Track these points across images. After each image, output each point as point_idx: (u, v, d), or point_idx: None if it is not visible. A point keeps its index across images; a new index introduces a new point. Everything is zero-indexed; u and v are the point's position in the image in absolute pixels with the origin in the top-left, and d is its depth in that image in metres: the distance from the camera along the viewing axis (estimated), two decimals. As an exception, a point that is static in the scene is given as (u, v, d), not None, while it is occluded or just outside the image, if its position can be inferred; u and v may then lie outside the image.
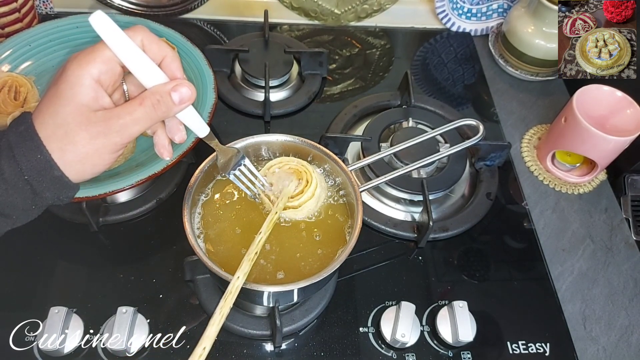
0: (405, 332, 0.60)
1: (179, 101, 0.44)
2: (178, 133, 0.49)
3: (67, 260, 0.68)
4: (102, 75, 0.42)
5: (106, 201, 0.72)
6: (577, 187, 0.82)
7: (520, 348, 0.64)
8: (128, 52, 0.42)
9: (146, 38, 0.44)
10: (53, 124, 0.42)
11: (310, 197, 0.57)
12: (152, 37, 0.45)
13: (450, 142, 0.79)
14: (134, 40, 0.43)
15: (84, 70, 0.42)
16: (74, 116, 0.42)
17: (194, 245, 0.51)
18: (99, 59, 0.42)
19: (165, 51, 0.45)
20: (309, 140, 0.61)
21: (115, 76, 0.44)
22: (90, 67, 0.42)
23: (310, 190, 0.57)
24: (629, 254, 0.76)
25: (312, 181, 0.57)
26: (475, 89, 0.96)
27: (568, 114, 0.76)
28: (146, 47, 0.44)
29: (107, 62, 0.43)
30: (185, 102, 0.45)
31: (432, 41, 1.04)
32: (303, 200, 0.57)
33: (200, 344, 0.44)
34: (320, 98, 0.91)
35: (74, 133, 0.42)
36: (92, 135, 0.42)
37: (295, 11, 1.02)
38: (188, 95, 0.45)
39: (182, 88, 0.44)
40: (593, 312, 0.70)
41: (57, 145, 0.42)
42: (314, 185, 0.57)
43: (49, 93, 0.43)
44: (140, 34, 0.44)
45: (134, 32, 0.43)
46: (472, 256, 0.73)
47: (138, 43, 0.43)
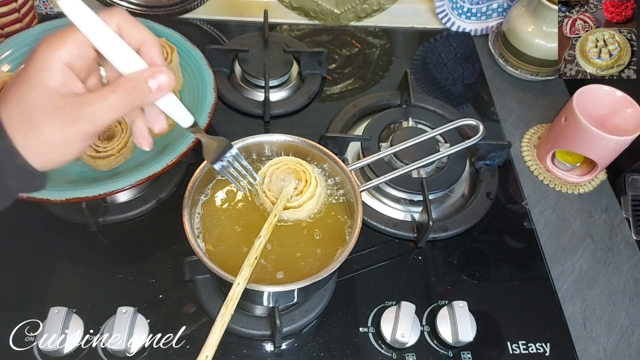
0: (405, 332, 0.60)
1: (156, 88, 0.41)
2: (157, 122, 0.46)
3: (67, 260, 0.68)
4: (73, 59, 0.40)
5: (106, 201, 0.72)
6: (577, 187, 0.82)
7: (520, 348, 0.64)
8: (101, 36, 0.40)
9: (123, 21, 0.42)
10: (18, 109, 0.39)
11: (310, 197, 0.57)
12: (130, 20, 0.42)
13: (450, 141, 0.79)
14: (109, 23, 0.40)
15: (54, 53, 0.39)
16: (41, 101, 0.39)
17: (194, 245, 0.51)
18: (70, 42, 0.40)
19: (145, 36, 0.43)
20: (309, 140, 0.61)
21: (88, 61, 0.41)
22: (61, 50, 0.39)
23: (310, 190, 0.57)
24: (630, 254, 0.76)
25: (311, 181, 0.57)
26: (475, 89, 0.96)
27: (568, 114, 0.76)
28: (123, 31, 0.42)
29: (80, 45, 0.40)
30: (163, 90, 0.42)
31: (432, 41, 1.04)
32: (303, 200, 0.57)
33: (203, 353, 0.43)
34: (320, 98, 0.91)
35: (40, 119, 0.39)
36: (59, 122, 0.39)
37: (295, 11, 1.02)
38: (166, 82, 0.42)
39: (160, 75, 0.42)
40: (593, 312, 0.70)
41: (21, 132, 0.39)
42: (314, 185, 0.57)
43: (18, 77, 0.40)
44: (116, 17, 0.41)
45: (109, 15, 0.41)
46: (472, 256, 0.73)
47: (114, 27, 0.41)
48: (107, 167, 0.67)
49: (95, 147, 0.66)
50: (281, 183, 0.58)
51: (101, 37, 0.40)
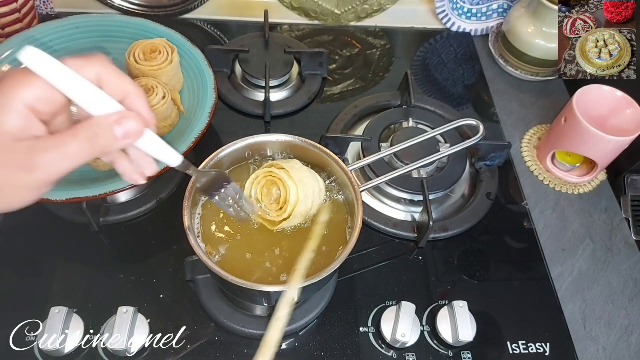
0: (405, 331, 0.60)
1: (122, 135, 0.37)
2: (147, 166, 0.42)
3: (67, 260, 0.68)
4: (38, 102, 0.36)
5: (106, 201, 0.72)
6: (577, 187, 0.82)
7: (520, 348, 0.64)
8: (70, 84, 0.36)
9: (104, 71, 0.38)
10: None
11: (295, 204, 0.54)
12: (111, 70, 0.38)
13: (450, 142, 0.79)
14: (86, 71, 0.37)
15: (16, 93, 0.35)
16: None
17: (194, 245, 0.51)
18: (36, 83, 0.35)
19: (128, 87, 0.39)
20: (309, 140, 0.61)
21: (55, 105, 0.37)
22: (25, 91, 0.35)
23: (292, 198, 0.54)
24: (629, 254, 0.76)
25: (289, 189, 0.54)
26: (475, 89, 0.96)
27: (568, 114, 0.76)
28: (103, 81, 0.38)
29: (47, 87, 0.36)
30: (130, 137, 0.38)
31: (432, 41, 1.04)
32: (289, 211, 0.55)
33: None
34: (320, 98, 0.91)
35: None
36: (10, 169, 0.35)
37: (295, 11, 1.02)
38: (134, 129, 0.38)
39: (128, 121, 0.37)
40: (593, 312, 0.70)
41: None
42: (294, 192, 0.54)
43: None
44: (95, 66, 0.37)
45: (88, 62, 0.37)
46: (472, 256, 0.73)
47: (91, 76, 0.37)
48: (107, 167, 0.67)
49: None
50: (265, 199, 0.57)
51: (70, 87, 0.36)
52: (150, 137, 0.40)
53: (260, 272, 0.54)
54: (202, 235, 0.56)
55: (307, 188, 0.56)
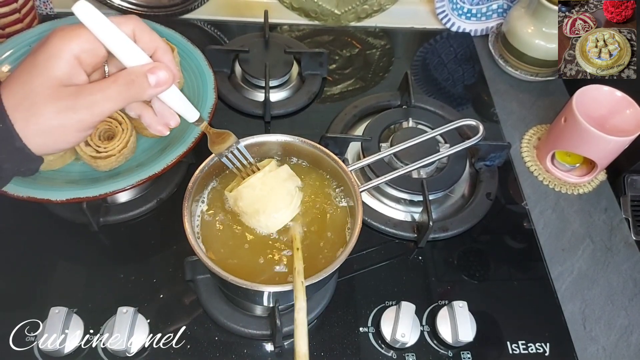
0: (405, 332, 0.60)
1: (155, 83, 0.44)
2: (172, 118, 0.48)
3: (67, 260, 0.68)
4: (83, 53, 0.42)
5: (107, 201, 0.72)
6: (577, 187, 0.82)
7: (520, 348, 0.64)
8: (112, 38, 0.42)
9: (138, 28, 0.44)
10: (22, 93, 0.40)
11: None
12: (144, 27, 0.44)
13: (450, 142, 0.79)
14: (124, 27, 0.43)
15: (65, 44, 0.41)
16: (44, 88, 0.40)
17: (194, 245, 0.51)
18: (83, 37, 0.41)
19: (157, 43, 0.45)
20: (309, 140, 0.61)
21: (97, 58, 0.43)
22: (73, 43, 0.41)
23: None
24: (629, 254, 0.76)
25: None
26: (475, 89, 0.96)
27: (568, 114, 0.76)
28: (137, 36, 0.44)
29: (92, 41, 0.42)
30: (161, 86, 0.44)
31: (432, 41, 1.04)
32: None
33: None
34: (321, 98, 0.91)
35: (41, 105, 0.40)
36: (59, 110, 0.41)
37: (296, 11, 1.02)
38: (164, 78, 0.44)
39: (160, 71, 0.43)
40: (593, 312, 0.70)
41: (21, 116, 0.40)
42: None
43: (25, 61, 0.42)
44: (131, 23, 0.44)
45: (125, 20, 0.43)
46: (472, 256, 0.73)
47: (128, 32, 0.43)
48: (107, 168, 0.67)
49: (96, 148, 0.66)
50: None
51: (112, 39, 0.42)
52: (174, 91, 0.47)
53: (260, 272, 0.54)
54: (202, 236, 0.56)
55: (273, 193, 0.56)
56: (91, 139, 0.66)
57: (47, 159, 0.65)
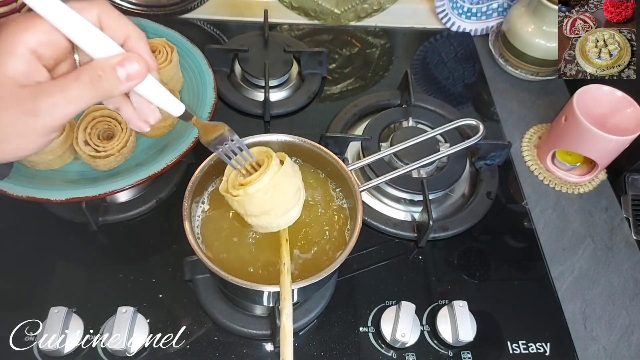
0: (405, 331, 0.60)
1: (125, 78, 0.37)
2: (151, 114, 0.42)
3: (67, 260, 0.68)
4: (41, 46, 0.36)
5: (106, 201, 0.72)
6: (578, 187, 0.82)
7: (520, 348, 0.64)
8: (72, 26, 0.36)
9: (104, 14, 0.38)
10: None
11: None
12: (111, 12, 0.38)
13: (450, 141, 0.79)
14: (87, 13, 0.37)
15: (18, 37, 0.35)
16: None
17: (194, 245, 0.51)
18: (39, 27, 0.35)
19: (129, 29, 0.39)
20: (309, 140, 0.61)
21: (59, 50, 0.37)
22: (28, 36, 0.35)
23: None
24: (630, 254, 0.76)
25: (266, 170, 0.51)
26: (476, 89, 0.96)
27: (568, 114, 0.76)
28: (103, 23, 0.38)
29: (50, 32, 0.36)
30: (133, 79, 0.38)
31: (432, 40, 1.04)
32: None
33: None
34: (320, 97, 0.91)
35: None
36: (14, 115, 0.35)
37: (295, 11, 1.02)
38: (137, 70, 0.38)
39: (130, 62, 0.37)
40: (593, 312, 0.70)
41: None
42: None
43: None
44: (96, 8, 0.37)
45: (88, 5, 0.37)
46: (472, 256, 0.73)
47: (93, 18, 0.37)
48: (106, 167, 0.67)
49: (95, 147, 0.66)
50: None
51: (72, 28, 0.36)
52: (151, 83, 0.40)
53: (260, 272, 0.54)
54: (201, 236, 0.56)
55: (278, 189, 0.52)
56: (90, 138, 0.66)
57: (46, 159, 0.65)
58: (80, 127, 0.67)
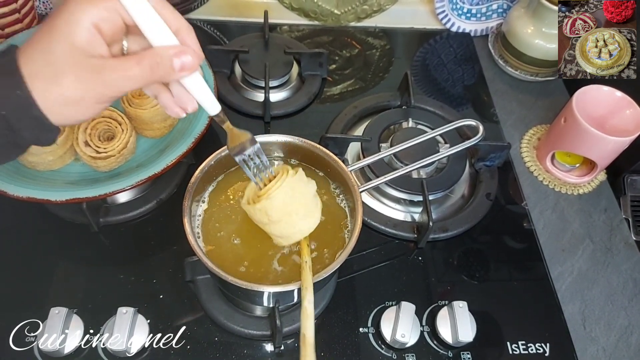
0: (405, 332, 0.60)
1: (179, 68, 0.41)
2: (189, 103, 0.45)
3: (67, 261, 0.68)
4: (102, 22, 0.39)
5: (107, 202, 0.72)
6: (577, 188, 0.82)
7: (520, 348, 0.64)
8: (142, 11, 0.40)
9: (159, 6, 0.41)
10: (42, 61, 0.39)
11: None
12: (165, 4, 0.42)
13: (450, 142, 0.79)
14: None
15: (84, 10, 0.39)
16: (67, 56, 0.39)
17: (194, 246, 0.51)
18: (102, 5, 0.39)
19: (180, 22, 0.43)
20: (309, 140, 0.61)
21: (115, 28, 0.41)
22: (92, 10, 0.39)
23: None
24: (629, 254, 0.76)
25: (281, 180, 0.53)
26: (475, 90, 0.96)
27: (568, 115, 0.76)
28: (159, 13, 0.42)
29: (111, 11, 0.40)
30: (185, 70, 0.42)
31: (432, 42, 1.04)
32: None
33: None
34: (320, 99, 0.91)
35: (63, 74, 0.39)
36: (80, 81, 0.39)
37: (295, 12, 1.02)
38: (190, 63, 0.41)
39: (186, 55, 0.41)
40: (593, 312, 0.70)
41: (41, 85, 0.39)
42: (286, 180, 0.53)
43: (43, 27, 0.39)
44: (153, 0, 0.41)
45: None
46: (472, 256, 0.73)
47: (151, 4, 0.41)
48: (107, 168, 0.67)
49: (96, 148, 0.66)
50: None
51: (142, 13, 0.40)
52: (197, 77, 0.44)
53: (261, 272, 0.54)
54: (202, 236, 0.56)
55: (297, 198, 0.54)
56: (91, 139, 0.66)
57: (47, 160, 0.66)
58: (81, 128, 0.67)
